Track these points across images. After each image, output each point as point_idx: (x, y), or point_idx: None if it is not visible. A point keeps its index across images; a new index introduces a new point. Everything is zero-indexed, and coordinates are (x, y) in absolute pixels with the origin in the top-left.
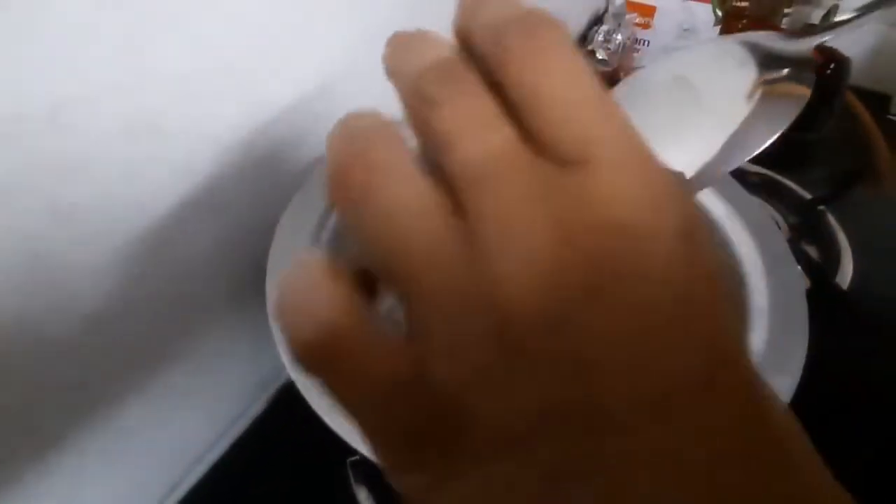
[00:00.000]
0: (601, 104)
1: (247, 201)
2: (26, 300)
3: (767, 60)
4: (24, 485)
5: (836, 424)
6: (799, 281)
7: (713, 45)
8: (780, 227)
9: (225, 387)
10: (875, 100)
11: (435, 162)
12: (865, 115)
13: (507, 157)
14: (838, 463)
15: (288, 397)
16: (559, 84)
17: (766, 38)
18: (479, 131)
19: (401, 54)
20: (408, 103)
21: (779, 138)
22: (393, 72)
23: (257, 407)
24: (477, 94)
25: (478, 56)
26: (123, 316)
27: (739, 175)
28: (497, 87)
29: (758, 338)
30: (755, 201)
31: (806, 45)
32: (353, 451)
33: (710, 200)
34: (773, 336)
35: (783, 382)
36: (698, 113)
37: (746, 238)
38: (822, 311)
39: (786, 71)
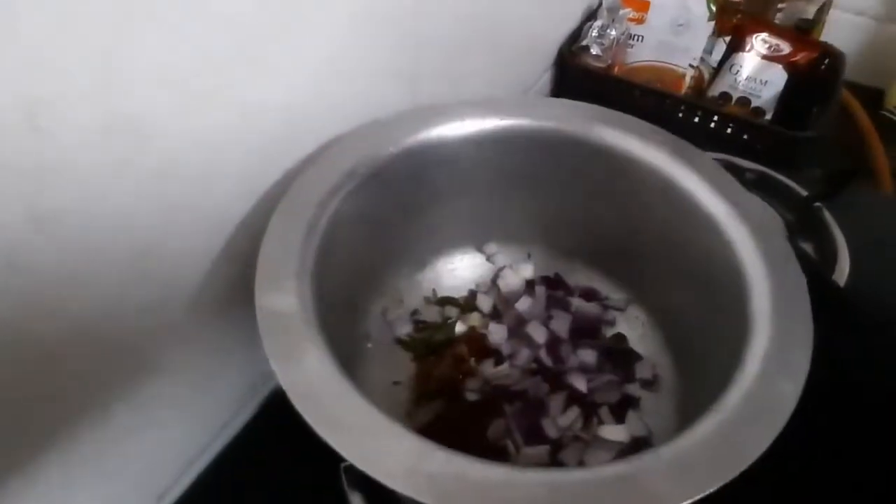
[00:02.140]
0: None
1: (234, 203)
2: (8, 308)
3: None
4: (13, 490)
5: (832, 420)
6: (801, 283)
7: None
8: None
9: (214, 393)
10: (869, 95)
11: None
12: (860, 112)
13: None
14: (836, 459)
15: (278, 403)
16: None
17: None
18: None
19: None
20: None
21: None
22: None
23: (247, 413)
24: None
25: None
26: (109, 322)
27: (734, 171)
28: None
29: (760, 343)
30: (756, 200)
31: None
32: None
33: (710, 200)
34: (775, 341)
35: (787, 388)
36: None
37: (747, 238)
38: (818, 307)
39: None
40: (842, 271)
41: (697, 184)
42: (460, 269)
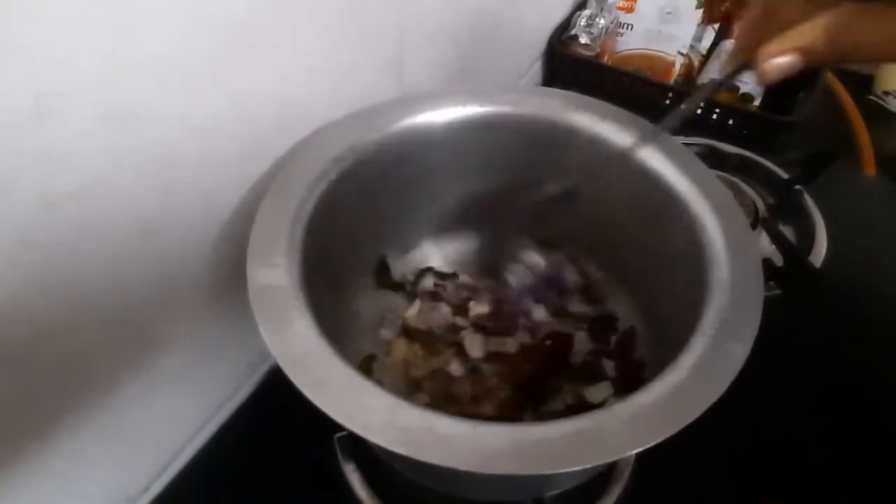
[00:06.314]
0: None
1: (229, 189)
2: (20, 282)
3: None
4: (23, 462)
5: (803, 395)
6: (756, 256)
7: None
8: (756, 206)
9: (214, 369)
10: (858, 80)
11: None
12: (845, 96)
13: None
14: (803, 431)
15: (275, 379)
16: None
17: None
18: None
19: None
20: None
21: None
22: None
23: (246, 388)
24: None
25: None
26: (113, 300)
27: (717, 155)
28: None
29: (716, 310)
30: (718, 181)
31: None
32: (340, 428)
33: (677, 179)
34: (731, 307)
35: (737, 349)
36: None
37: (710, 215)
38: (794, 287)
39: None
40: (819, 252)
41: (665, 164)
42: (448, 251)
